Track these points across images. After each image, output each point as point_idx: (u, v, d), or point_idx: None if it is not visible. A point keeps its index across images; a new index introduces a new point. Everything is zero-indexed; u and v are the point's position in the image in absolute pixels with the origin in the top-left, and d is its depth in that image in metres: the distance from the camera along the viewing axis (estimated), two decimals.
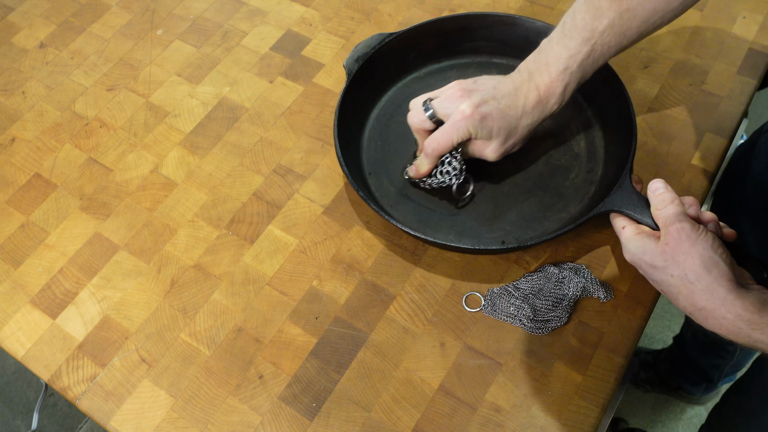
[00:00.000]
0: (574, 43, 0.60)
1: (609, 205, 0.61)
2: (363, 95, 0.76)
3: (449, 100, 0.63)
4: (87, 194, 0.75)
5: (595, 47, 0.60)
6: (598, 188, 0.69)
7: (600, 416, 0.59)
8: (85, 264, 0.70)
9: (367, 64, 0.74)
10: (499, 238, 0.67)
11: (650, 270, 0.55)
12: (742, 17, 0.84)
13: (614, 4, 0.59)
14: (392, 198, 0.71)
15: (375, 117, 0.77)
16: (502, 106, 0.62)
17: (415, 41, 0.77)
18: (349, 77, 0.73)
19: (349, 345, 0.63)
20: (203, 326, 0.65)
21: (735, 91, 0.77)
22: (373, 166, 0.73)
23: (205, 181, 0.75)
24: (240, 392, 0.62)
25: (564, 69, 0.61)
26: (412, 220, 0.69)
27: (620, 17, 0.59)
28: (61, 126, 0.81)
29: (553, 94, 0.62)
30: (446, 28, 0.78)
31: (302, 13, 0.90)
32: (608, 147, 0.72)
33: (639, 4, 0.58)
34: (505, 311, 0.64)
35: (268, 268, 0.68)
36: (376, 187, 0.72)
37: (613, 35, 0.60)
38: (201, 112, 0.81)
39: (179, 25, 0.90)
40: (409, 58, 0.78)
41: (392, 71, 0.78)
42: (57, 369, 0.64)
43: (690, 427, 1.41)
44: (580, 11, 0.60)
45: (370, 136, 0.76)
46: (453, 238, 0.68)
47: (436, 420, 0.59)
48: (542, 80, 0.62)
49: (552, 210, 0.69)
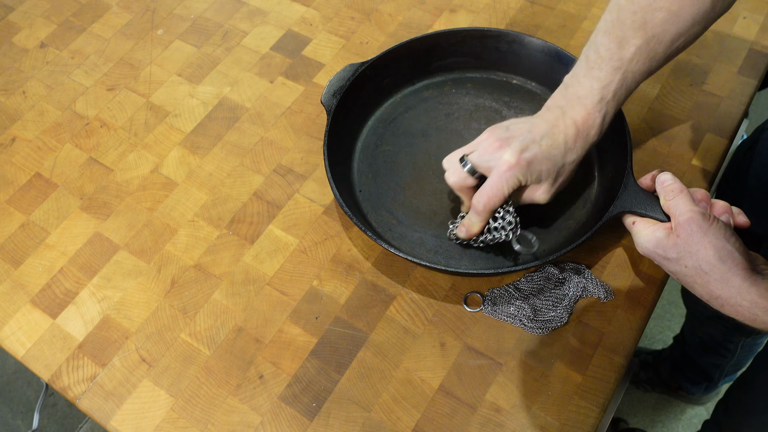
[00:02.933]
0: (604, 73, 0.59)
1: (619, 207, 0.61)
2: (346, 128, 0.74)
3: (488, 152, 0.61)
4: (87, 194, 0.75)
5: (626, 75, 0.59)
6: (599, 190, 0.69)
7: (600, 416, 0.59)
8: (86, 264, 0.70)
9: (344, 96, 0.72)
10: (512, 256, 0.66)
11: (664, 262, 0.56)
12: (742, 17, 0.84)
13: (639, 33, 0.57)
14: (396, 230, 0.69)
15: (360, 149, 0.75)
16: (544, 147, 0.60)
17: (388, 66, 0.76)
18: (329, 114, 0.71)
19: (349, 345, 0.64)
20: (203, 326, 0.65)
21: (735, 91, 0.77)
22: (372, 202, 0.71)
23: (206, 181, 0.75)
24: (240, 392, 0.62)
25: (600, 100, 0.60)
26: (420, 250, 0.67)
27: (647, 44, 0.58)
28: (62, 126, 0.81)
29: (592, 126, 0.60)
30: (415, 49, 0.76)
31: (302, 13, 0.90)
32: (601, 146, 0.70)
33: (663, 30, 0.57)
34: (505, 311, 0.64)
35: (268, 268, 0.68)
36: (377, 222, 0.70)
37: (641, 62, 0.59)
38: (201, 112, 0.81)
39: (179, 25, 0.90)
40: (384, 83, 0.77)
41: (371, 100, 0.77)
42: (57, 369, 0.64)
43: (690, 427, 1.41)
44: (603, 44, 0.59)
45: (359, 170, 0.74)
46: (467, 263, 0.66)
47: (436, 420, 0.59)
48: (578, 114, 0.60)
49: (558, 219, 0.68)
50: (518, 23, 0.85)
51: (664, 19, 0.56)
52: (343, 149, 0.73)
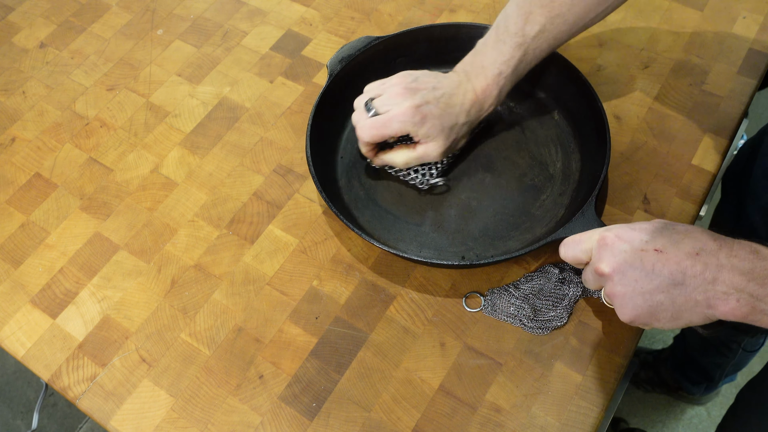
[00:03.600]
0: (508, 47, 0.63)
1: (568, 231, 0.60)
2: (345, 96, 0.74)
3: (391, 98, 0.65)
4: (87, 194, 0.75)
5: (527, 51, 0.63)
6: (566, 212, 0.68)
7: (600, 416, 0.59)
8: (86, 264, 0.70)
9: (351, 65, 0.74)
10: (459, 253, 0.67)
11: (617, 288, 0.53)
12: (742, 17, 0.84)
13: (544, 10, 0.60)
14: (361, 201, 0.71)
15: None
16: (442, 105, 0.64)
17: (403, 47, 0.77)
18: (330, 77, 0.73)
19: (349, 345, 0.63)
20: (203, 326, 0.65)
21: (735, 91, 0.77)
22: (346, 168, 0.73)
23: (206, 181, 0.75)
24: (240, 392, 0.62)
25: (498, 74, 0.64)
26: (377, 226, 0.69)
27: (551, 22, 0.61)
28: (62, 126, 0.81)
29: (489, 96, 0.65)
30: (435, 35, 0.77)
31: (302, 13, 0.90)
32: (583, 171, 0.71)
33: (569, 9, 0.60)
34: (505, 311, 0.64)
35: (268, 268, 0.68)
36: (346, 189, 0.72)
37: (544, 39, 0.63)
38: (201, 112, 0.81)
39: (179, 25, 0.90)
40: (395, 63, 0.78)
41: (378, 75, 0.76)
42: (57, 369, 0.64)
43: (690, 427, 1.41)
44: (512, 15, 0.63)
45: (347, 138, 0.75)
46: (414, 248, 0.67)
47: (436, 420, 0.59)
48: (479, 83, 0.65)
49: (518, 230, 0.68)
50: None
51: None
52: (338, 116, 0.75)
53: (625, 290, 0.52)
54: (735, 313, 0.47)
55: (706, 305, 0.48)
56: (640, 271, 0.51)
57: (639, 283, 0.51)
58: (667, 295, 0.50)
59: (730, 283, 0.47)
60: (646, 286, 0.51)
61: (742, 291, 0.47)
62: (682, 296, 0.49)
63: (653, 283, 0.50)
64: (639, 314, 0.52)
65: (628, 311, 0.52)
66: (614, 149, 0.74)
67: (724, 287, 0.47)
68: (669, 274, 0.49)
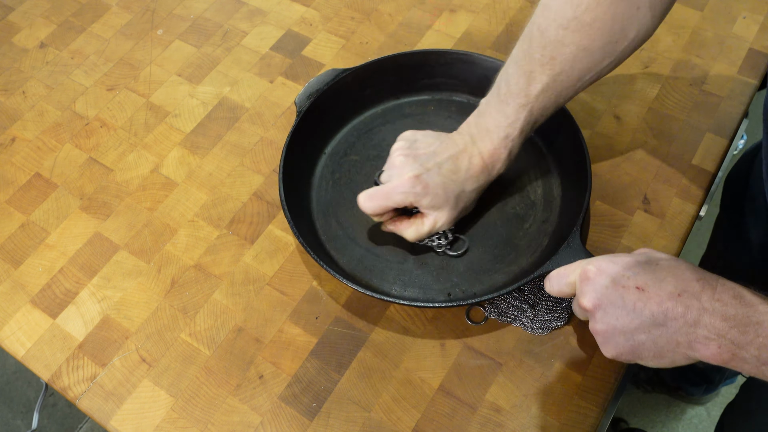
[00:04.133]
0: (511, 109, 0.59)
1: (555, 264, 0.59)
2: (317, 132, 0.73)
3: (393, 168, 0.62)
4: (87, 194, 0.75)
5: (532, 111, 0.59)
6: (551, 240, 0.66)
7: (600, 416, 0.59)
8: (86, 264, 0.70)
9: (319, 100, 0.72)
10: (445, 290, 0.65)
11: (606, 321, 0.52)
12: (742, 17, 0.84)
13: (546, 68, 0.57)
14: (339, 241, 0.68)
15: (329, 154, 0.74)
16: (445, 171, 0.61)
17: (372, 78, 0.75)
18: (299, 115, 0.70)
19: (349, 345, 0.63)
20: (203, 326, 0.65)
21: (735, 91, 0.77)
22: (323, 206, 0.71)
23: (206, 181, 0.75)
24: (240, 392, 0.62)
25: (505, 137, 0.60)
26: (357, 267, 0.66)
27: (553, 80, 0.58)
28: (62, 126, 0.81)
29: (498, 160, 0.62)
30: (403, 64, 0.75)
31: (302, 13, 0.90)
32: (565, 195, 0.69)
33: (571, 66, 0.57)
34: (505, 311, 0.64)
35: (268, 268, 0.68)
36: (324, 229, 0.69)
37: (548, 98, 0.59)
38: (201, 112, 0.81)
39: (179, 25, 0.90)
40: (365, 93, 0.76)
41: (348, 107, 0.76)
42: (57, 369, 0.64)
43: (690, 427, 1.41)
44: (513, 75, 0.59)
45: (322, 175, 0.73)
46: (398, 287, 0.65)
47: (436, 420, 0.59)
48: (485, 147, 0.61)
49: (503, 262, 0.66)
50: (518, 23, 0.85)
51: (573, 55, 0.55)
52: (309, 152, 0.73)
53: (606, 328, 0.51)
54: (716, 358, 0.47)
55: (688, 347, 0.48)
56: (621, 309, 0.50)
57: (620, 321, 0.50)
58: (648, 335, 0.49)
59: (711, 327, 0.46)
60: (628, 325, 0.50)
61: (723, 337, 0.46)
62: (663, 337, 0.48)
63: (634, 322, 0.49)
64: (621, 352, 0.51)
65: (610, 349, 0.52)
66: (614, 149, 0.74)
67: (706, 331, 0.46)
68: (650, 314, 0.48)
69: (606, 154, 0.73)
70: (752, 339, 0.45)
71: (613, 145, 0.74)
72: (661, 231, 0.68)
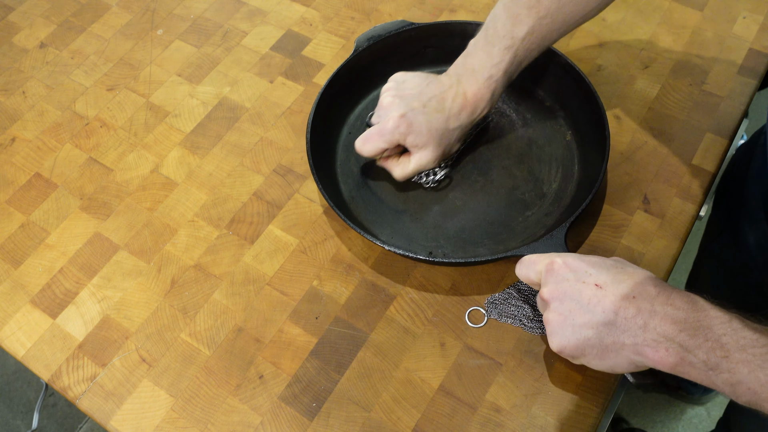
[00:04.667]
0: (497, 50, 0.61)
1: (531, 250, 0.60)
2: (368, 73, 0.75)
3: (381, 109, 0.65)
4: (87, 194, 0.75)
5: (517, 53, 0.61)
6: (545, 233, 0.66)
7: (600, 416, 0.59)
8: (86, 264, 0.70)
9: (378, 45, 0.74)
10: (428, 248, 0.67)
11: (568, 317, 0.52)
12: (742, 17, 0.84)
13: (532, 12, 0.59)
14: (355, 180, 0.72)
15: (369, 101, 0.77)
16: (429, 110, 0.62)
17: (435, 37, 0.77)
18: (355, 51, 0.73)
19: (349, 345, 0.64)
20: (203, 326, 0.65)
21: (735, 91, 0.77)
22: (349, 144, 0.73)
23: (206, 181, 0.75)
24: (240, 392, 0.62)
25: (489, 77, 0.62)
26: (359, 203, 0.70)
27: (539, 23, 0.60)
28: (62, 126, 0.81)
29: (481, 100, 0.64)
30: (469, 32, 0.74)
31: (302, 13, 0.90)
32: (575, 198, 0.69)
33: (557, 9, 0.59)
34: (505, 311, 0.64)
35: (268, 268, 0.68)
36: (342, 163, 0.73)
37: (533, 41, 0.61)
38: (201, 112, 0.81)
39: (179, 25, 0.90)
40: (425, 52, 0.78)
41: (403, 62, 0.77)
42: (57, 369, 0.64)
43: (690, 427, 1.41)
44: (500, 18, 0.61)
45: (359, 116, 0.76)
46: (387, 232, 0.68)
47: (436, 420, 0.59)
48: (469, 87, 0.63)
49: (493, 240, 0.67)
50: None
51: None
52: (358, 89, 0.76)
53: (557, 318, 0.52)
54: (663, 362, 0.47)
55: (633, 351, 0.48)
56: (575, 303, 0.51)
57: (572, 314, 0.51)
58: (596, 332, 0.50)
59: (661, 330, 0.46)
60: (578, 319, 0.51)
61: (671, 340, 0.46)
62: (610, 336, 0.49)
63: (585, 317, 0.50)
64: (566, 345, 0.52)
65: (556, 339, 0.53)
66: (614, 149, 0.74)
67: (654, 334, 0.47)
68: (602, 311, 0.49)
69: None
70: (701, 343, 0.45)
71: (613, 145, 0.74)
72: (661, 231, 0.68)
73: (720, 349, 0.44)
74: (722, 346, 0.44)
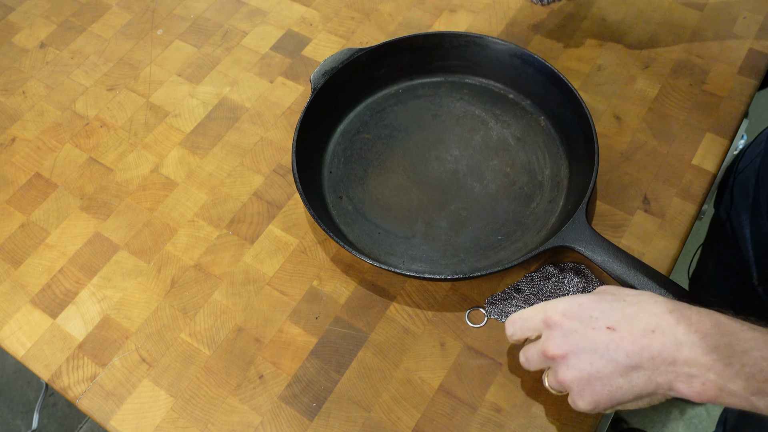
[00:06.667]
0: None
1: (560, 240, 0.61)
2: (330, 109, 0.75)
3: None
4: (87, 194, 0.75)
5: None
6: (557, 220, 0.68)
7: (600, 416, 0.59)
8: (86, 264, 0.70)
9: (334, 78, 0.73)
10: (451, 265, 0.66)
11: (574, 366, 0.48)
12: (742, 17, 0.84)
13: None
14: (349, 216, 0.70)
15: (341, 132, 0.76)
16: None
17: (386, 57, 0.77)
18: (314, 91, 0.72)
19: (349, 345, 0.64)
20: (203, 326, 0.65)
21: (735, 91, 0.77)
22: (334, 182, 0.73)
23: (206, 181, 0.75)
24: (240, 392, 0.62)
25: None
26: (367, 242, 0.68)
27: None
28: (62, 126, 0.81)
29: None
30: (418, 45, 0.77)
31: (302, 13, 0.90)
32: (572, 177, 0.70)
33: None
34: (505, 312, 0.64)
35: (268, 268, 0.68)
36: (333, 204, 0.71)
37: None
38: (201, 112, 0.81)
39: (179, 25, 0.90)
40: (380, 73, 0.78)
41: (362, 86, 0.78)
42: (57, 369, 0.64)
43: (690, 427, 1.41)
44: None
45: (333, 152, 0.75)
46: (406, 261, 0.67)
47: (436, 420, 0.59)
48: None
49: (509, 239, 0.67)
50: (518, 23, 0.85)
51: None
52: (322, 129, 0.75)
53: (581, 375, 0.47)
54: (701, 396, 0.43)
55: (668, 388, 0.44)
56: (594, 354, 0.47)
57: (594, 366, 0.47)
58: (626, 379, 0.46)
59: (693, 363, 0.43)
60: (602, 370, 0.46)
61: (706, 372, 0.42)
62: (641, 379, 0.45)
63: (609, 366, 0.46)
64: (599, 401, 0.47)
65: (587, 398, 0.48)
66: (614, 149, 0.74)
67: (687, 368, 0.43)
68: (625, 355, 0.45)
69: (606, 154, 0.73)
70: (738, 370, 0.41)
71: (613, 145, 0.74)
72: (661, 231, 0.68)
73: (760, 373, 0.41)
74: (762, 370, 0.41)
